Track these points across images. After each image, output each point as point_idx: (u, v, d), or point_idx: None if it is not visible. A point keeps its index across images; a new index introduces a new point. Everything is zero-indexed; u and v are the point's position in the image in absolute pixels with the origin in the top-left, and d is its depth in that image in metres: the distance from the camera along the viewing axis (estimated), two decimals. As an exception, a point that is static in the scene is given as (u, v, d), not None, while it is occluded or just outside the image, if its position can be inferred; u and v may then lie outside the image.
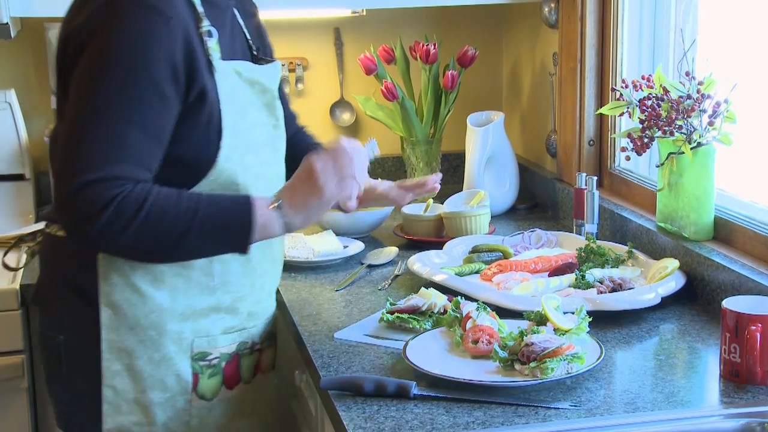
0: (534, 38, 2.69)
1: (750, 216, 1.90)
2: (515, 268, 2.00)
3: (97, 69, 1.53)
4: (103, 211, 1.47)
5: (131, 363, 1.65)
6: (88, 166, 1.49)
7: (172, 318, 1.66)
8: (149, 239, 1.54)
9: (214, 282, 1.68)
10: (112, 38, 1.53)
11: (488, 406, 1.46)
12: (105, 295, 1.63)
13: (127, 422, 1.67)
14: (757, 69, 1.96)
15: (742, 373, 1.52)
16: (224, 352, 1.73)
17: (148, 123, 1.54)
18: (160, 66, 1.53)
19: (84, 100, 1.53)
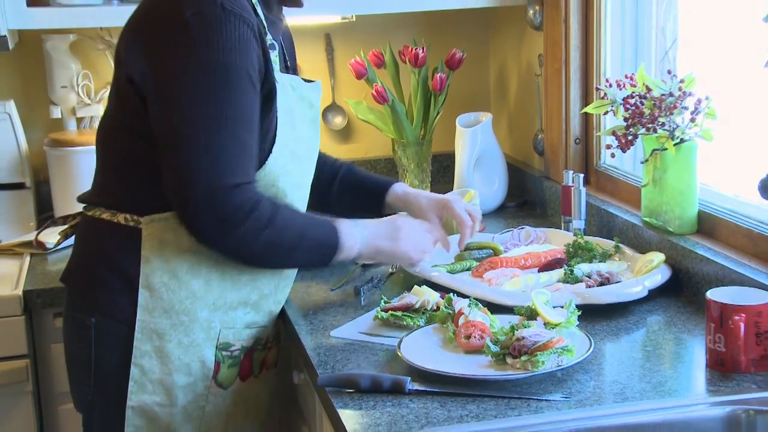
0: (520, 40, 2.70)
1: (732, 209, 1.90)
2: (506, 265, 2.00)
3: (209, 76, 1.59)
4: (248, 215, 1.60)
5: (161, 345, 1.69)
6: (230, 172, 1.59)
7: (204, 306, 1.71)
8: (273, 247, 1.67)
9: (244, 277, 1.74)
10: (217, 47, 1.58)
11: (481, 399, 1.46)
12: (145, 276, 1.68)
13: (150, 401, 1.71)
14: (735, 66, 1.96)
15: (727, 362, 1.53)
16: (244, 346, 1.79)
17: (253, 125, 1.64)
18: (255, 70, 1.63)
19: (201, 106, 1.59)
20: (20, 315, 2.11)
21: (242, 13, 1.62)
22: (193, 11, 1.59)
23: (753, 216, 1.84)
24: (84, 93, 2.57)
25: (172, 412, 1.72)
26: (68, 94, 2.56)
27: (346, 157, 2.84)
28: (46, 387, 2.19)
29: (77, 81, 2.56)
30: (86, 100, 2.58)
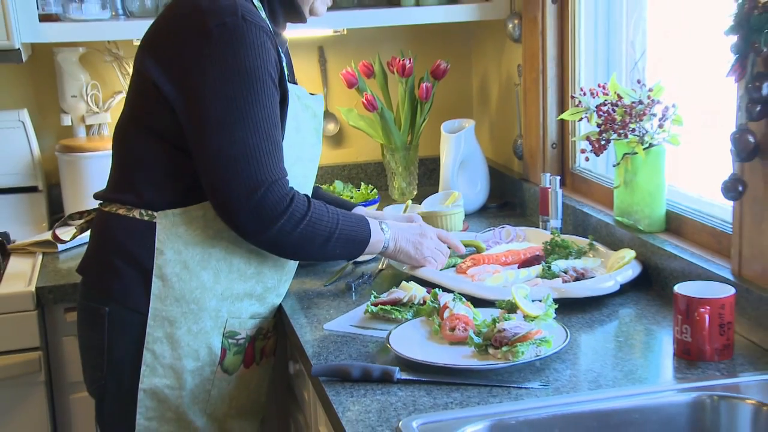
0: (500, 52, 2.70)
1: (698, 209, 1.91)
2: (488, 262, 2.01)
3: (240, 81, 1.60)
4: (286, 210, 1.64)
5: (172, 332, 1.71)
6: (267, 170, 1.62)
7: (213, 296, 1.73)
8: (308, 239, 1.70)
9: (250, 270, 1.76)
10: (241, 54, 1.60)
11: (465, 387, 1.47)
12: (158, 267, 1.69)
13: (161, 384, 1.72)
14: (700, 75, 1.97)
15: (693, 351, 1.54)
16: (248, 335, 1.80)
17: (279, 122, 1.67)
18: (275, 74, 1.65)
19: (235, 112, 1.61)
20: (33, 310, 2.11)
21: (261, 23, 1.64)
22: (217, 22, 1.60)
23: (716, 215, 1.84)
24: (93, 102, 2.57)
25: (180, 394, 1.74)
26: (78, 103, 2.55)
27: (339, 161, 2.88)
28: (58, 377, 2.18)
29: (86, 91, 2.55)
30: (95, 109, 2.57)
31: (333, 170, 2.83)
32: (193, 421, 1.76)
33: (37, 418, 2.15)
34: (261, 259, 1.76)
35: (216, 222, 1.68)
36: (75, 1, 2.35)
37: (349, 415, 1.40)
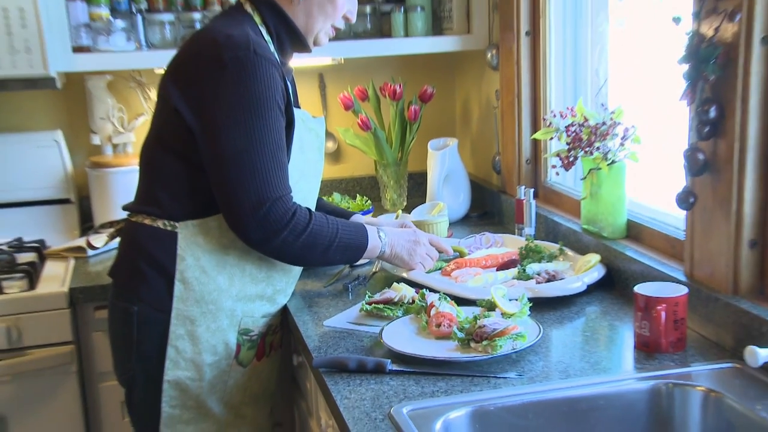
0: (480, 78, 2.71)
1: (654, 218, 1.92)
2: (469, 265, 2.00)
3: (249, 109, 1.60)
4: (288, 223, 1.63)
5: (193, 329, 1.70)
6: (272, 188, 1.61)
7: (228, 297, 1.73)
8: (310, 248, 1.69)
9: (261, 274, 1.76)
10: (252, 85, 1.60)
11: (449, 377, 1.47)
12: (180, 272, 1.69)
13: (183, 376, 1.72)
14: (656, 99, 1.98)
15: (651, 344, 1.54)
16: (260, 331, 1.80)
17: (284, 145, 1.66)
18: (281, 101, 1.65)
19: (245, 136, 1.60)
20: (66, 308, 2.10)
21: (270, 57, 1.63)
22: (231, 55, 1.60)
23: (671, 223, 1.85)
24: (118, 123, 2.56)
25: (201, 385, 1.74)
26: (105, 124, 2.55)
27: (337, 175, 2.88)
28: (89, 368, 2.18)
29: (113, 114, 2.55)
30: (120, 129, 2.57)
31: (331, 183, 2.82)
32: (212, 408, 1.75)
33: (70, 404, 2.14)
34: (270, 264, 1.76)
35: (230, 232, 1.68)
36: (103, 35, 2.35)
37: (346, 403, 1.39)
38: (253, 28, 1.69)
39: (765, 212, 1.52)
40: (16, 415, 2.10)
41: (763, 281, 1.55)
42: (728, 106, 1.51)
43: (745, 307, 1.50)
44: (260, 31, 1.70)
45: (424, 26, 2.61)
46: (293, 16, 1.73)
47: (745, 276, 1.55)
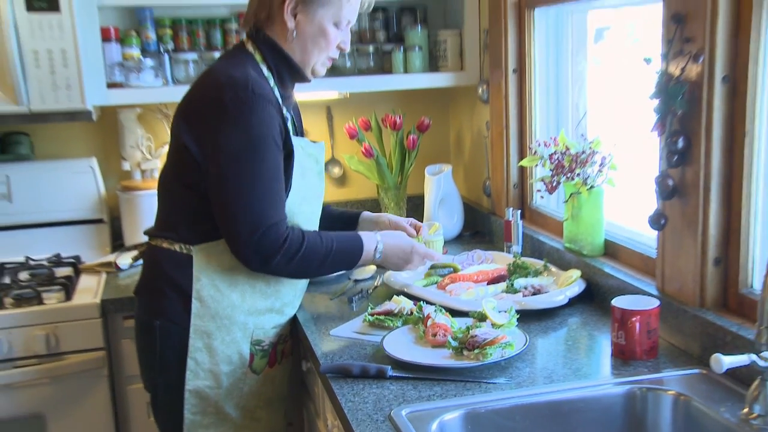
0: (472, 111, 2.70)
1: (629, 238, 1.91)
2: (462, 279, 2.00)
3: (246, 144, 1.58)
4: (280, 248, 1.61)
5: (209, 342, 1.69)
6: (265, 216, 1.59)
7: (241, 312, 1.71)
8: (304, 267, 1.68)
9: (270, 290, 1.74)
10: (250, 122, 1.58)
11: (444, 382, 1.47)
12: (196, 291, 1.68)
13: (203, 385, 1.71)
14: (631, 130, 1.98)
15: (627, 352, 1.54)
16: (271, 341, 1.78)
17: (280, 176, 1.64)
18: (276, 132, 1.62)
19: (242, 170, 1.58)
20: (98, 318, 2.10)
21: (268, 95, 1.61)
22: (231, 95, 1.58)
23: (644, 243, 1.84)
24: (146, 151, 2.57)
25: (218, 392, 1.72)
26: (135, 152, 2.55)
27: (343, 198, 2.87)
28: (118, 371, 2.17)
29: (142, 142, 2.55)
30: (148, 156, 2.57)
31: (339, 205, 2.75)
32: (229, 413, 1.74)
33: (101, 404, 2.14)
34: (278, 280, 1.75)
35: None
36: (134, 72, 2.36)
37: (350, 405, 1.39)
38: (254, 66, 1.67)
39: (728, 233, 1.53)
40: (53, 414, 2.10)
41: (726, 295, 1.55)
42: (694, 138, 1.52)
43: (711, 318, 1.50)
44: (261, 68, 1.68)
45: (422, 64, 2.61)
46: (290, 51, 1.70)
47: (710, 290, 1.55)
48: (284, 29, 1.67)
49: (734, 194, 1.51)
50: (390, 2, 2.63)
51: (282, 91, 1.72)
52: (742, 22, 1.44)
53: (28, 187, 2.43)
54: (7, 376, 2.03)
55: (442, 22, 2.73)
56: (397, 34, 2.66)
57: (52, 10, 2.08)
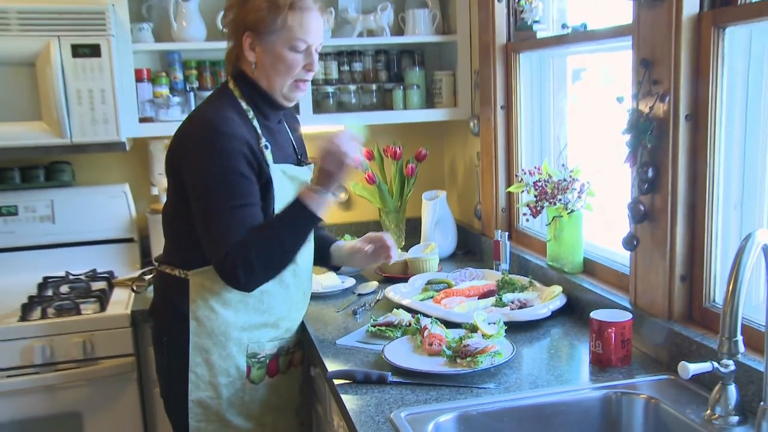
0: (464, 142, 2.71)
1: (605, 257, 1.92)
2: (456, 294, 2.00)
3: (211, 176, 1.54)
4: (236, 272, 1.53)
5: (208, 357, 1.66)
6: (225, 241, 1.53)
7: (235, 329, 1.67)
8: (268, 270, 1.57)
9: (263, 306, 1.68)
10: (212, 157, 1.54)
11: (440, 387, 1.46)
12: (192, 312, 1.64)
13: (204, 396, 1.67)
14: (606, 161, 1.99)
15: (603, 360, 1.54)
16: (268, 353, 1.73)
17: (246, 200, 1.56)
18: (241, 164, 1.55)
19: (208, 199, 1.55)
20: (129, 327, 2.10)
21: (233, 132, 1.55)
22: (201, 133, 1.56)
23: (618, 261, 1.85)
24: (174, 178, 2.57)
25: (219, 402, 1.69)
26: (162, 178, 2.54)
27: (348, 220, 2.84)
28: (146, 375, 2.17)
29: (169, 170, 2.56)
30: (175, 183, 2.58)
31: (344, 227, 2.79)
32: (231, 420, 1.71)
33: (131, 405, 2.13)
34: (269, 296, 1.69)
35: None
36: (163, 108, 2.38)
37: (354, 408, 1.39)
38: (234, 103, 1.63)
39: (692, 252, 1.54)
40: (89, 412, 2.09)
41: (691, 308, 1.55)
42: (662, 168, 1.53)
43: (678, 329, 1.50)
44: (240, 104, 1.64)
45: (419, 101, 2.61)
46: (259, 82, 1.64)
47: (677, 304, 1.55)
48: (250, 63, 1.63)
49: (697, 218, 1.51)
50: (391, 45, 2.65)
51: (263, 121, 1.66)
52: (702, 68, 1.46)
53: (69, 210, 2.45)
54: (49, 378, 2.03)
55: (438, 64, 2.75)
56: (397, 74, 2.67)
57: (94, 55, 2.12)
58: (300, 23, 1.58)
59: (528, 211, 2.06)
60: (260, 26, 1.58)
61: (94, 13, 2.10)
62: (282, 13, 1.57)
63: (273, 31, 1.58)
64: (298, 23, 1.58)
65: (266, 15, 1.57)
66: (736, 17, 1.39)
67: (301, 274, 1.74)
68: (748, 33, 1.42)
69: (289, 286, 1.70)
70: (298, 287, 1.74)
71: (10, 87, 2.09)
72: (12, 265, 2.40)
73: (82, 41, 2.10)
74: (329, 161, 1.57)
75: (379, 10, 2.52)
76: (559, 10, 2.17)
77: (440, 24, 2.58)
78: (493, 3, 2.28)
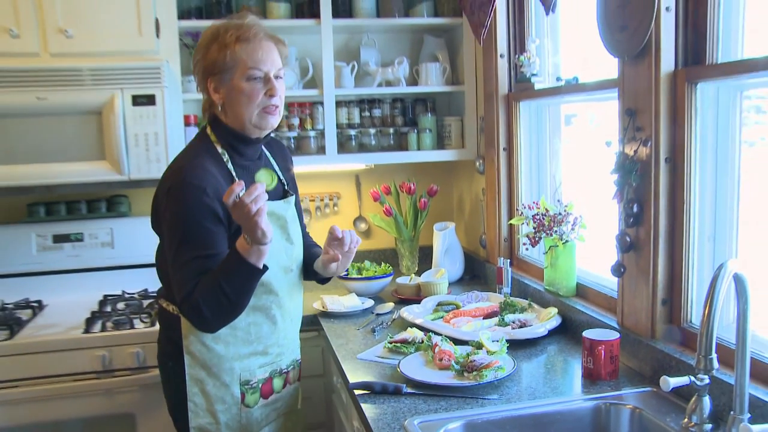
0: (470, 180, 2.69)
1: (596, 282, 1.92)
2: (463, 315, 2.00)
3: (175, 227, 1.48)
4: (192, 318, 1.47)
5: (203, 387, 1.59)
6: (184, 286, 1.46)
7: (227, 360, 1.58)
8: (220, 316, 1.48)
9: (251, 337, 1.60)
10: (178, 208, 1.48)
11: (449, 398, 1.47)
12: (186, 347, 1.57)
13: (204, 422, 1.60)
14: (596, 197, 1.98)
15: (594, 374, 1.54)
16: (260, 378, 1.63)
17: (206, 251, 1.47)
18: (207, 217, 1.47)
19: (174, 246, 1.49)
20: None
21: (200, 183, 1.46)
22: (169, 185, 1.50)
23: (608, 286, 1.85)
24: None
25: (218, 427, 1.60)
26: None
27: (368, 248, 2.82)
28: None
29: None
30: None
31: (364, 254, 2.76)
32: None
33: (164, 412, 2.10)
34: (257, 328, 1.60)
35: None
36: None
37: (372, 416, 1.40)
38: (209, 148, 1.55)
39: (672, 279, 1.54)
40: (141, 414, 2.09)
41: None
42: (645, 204, 1.54)
43: (660, 347, 1.50)
44: (215, 148, 1.55)
45: (431, 142, 2.61)
46: (228, 121, 1.55)
47: (659, 325, 1.55)
48: (218, 106, 1.55)
49: (676, 249, 1.52)
50: (406, 94, 2.68)
51: (240, 161, 1.57)
52: (678, 117, 1.49)
53: (126, 237, 2.48)
54: (108, 383, 2.04)
55: (448, 111, 2.78)
56: (412, 120, 2.70)
57: (150, 104, 2.18)
58: (248, 54, 1.50)
59: (527, 241, 2.06)
60: (216, 68, 1.51)
61: (152, 68, 2.18)
62: (230, 49, 1.50)
63: (228, 69, 1.50)
64: (246, 54, 1.50)
65: (217, 55, 1.51)
66: (705, 75, 1.42)
67: (284, 304, 1.64)
68: (716, 88, 1.45)
69: (276, 316, 1.61)
70: (284, 316, 1.64)
71: (80, 132, 2.16)
72: (78, 285, 2.44)
73: (140, 92, 2.17)
74: (238, 217, 1.42)
75: (396, 64, 2.58)
76: (554, 65, 2.21)
77: (450, 76, 2.62)
78: (496, 58, 2.32)
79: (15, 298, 2.40)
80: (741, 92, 1.42)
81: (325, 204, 2.76)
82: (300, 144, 2.55)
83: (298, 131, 2.54)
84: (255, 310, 1.58)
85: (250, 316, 1.58)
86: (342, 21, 2.47)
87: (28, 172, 2.15)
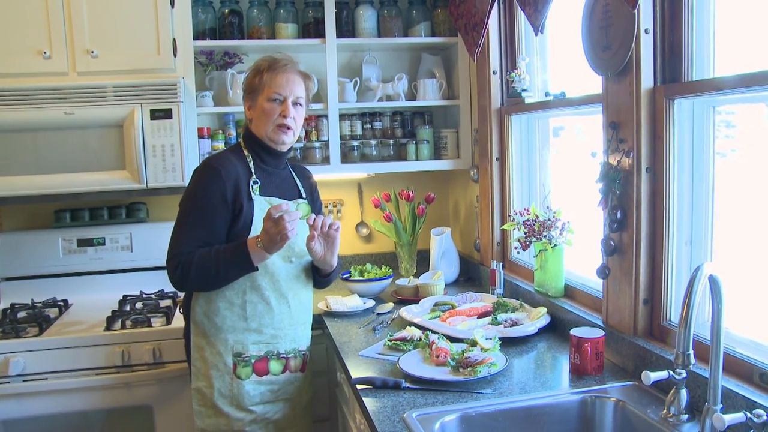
0: (465, 188, 2.69)
1: (583, 283, 1.92)
2: (458, 314, 2.00)
3: (189, 197, 1.67)
4: (175, 270, 1.62)
5: (203, 354, 1.71)
6: (177, 245, 1.63)
7: (223, 331, 1.70)
8: (200, 282, 1.64)
9: (246, 314, 1.71)
10: (195, 183, 1.67)
11: (445, 393, 1.47)
12: (192, 317, 1.72)
13: (201, 385, 1.72)
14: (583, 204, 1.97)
15: (581, 369, 1.54)
16: (253, 354, 1.72)
17: (205, 225, 1.64)
18: (215, 195, 1.64)
19: (182, 211, 1.67)
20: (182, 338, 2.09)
21: (219, 167, 1.65)
22: (198, 167, 1.71)
23: (594, 287, 1.85)
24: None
25: (212, 392, 1.70)
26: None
27: (369, 251, 2.82)
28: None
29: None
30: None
31: (365, 257, 2.78)
32: (222, 408, 1.71)
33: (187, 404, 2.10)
34: (252, 306, 1.70)
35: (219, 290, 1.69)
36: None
37: (373, 409, 1.40)
38: (237, 148, 1.75)
39: (653, 281, 1.55)
40: (158, 406, 2.10)
41: (652, 326, 1.56)
42: (629, 211, 1.55)
43: (641, 344, 1.51)
44: (242, 149, 1.74)
45: (429, 153, 2.61)
46: (255, 132, 1.74)
47: (641, 323, 1.56)
48: (250, 121, 1.76)
49: (657, 252, 1.53)
50: (405, 108, 2.68)
51: (260, 165, 1.74)
52: (658, 130, 1.50)
53: (144, 242, 2.50)
54: (127, 377, 2.06)
55: (444, 123, 2.78)
56: (410, 131, 2.70)
57: (166, 118, 2.20)
58: (274, 80, 1.70)
59: (519, 245, 2.07)
60: (250, 88, 1.74)
61: (169, 85, 2.20)
62: (261, 75, 1.71)
63: (258, 90, 1.72)
64: (271, 81, 1.71)
65: (253, 78, 1.73)
66: (681, 91, 1.44)
67: (281, 289, 1.73)
68: (691, 104, 1.46)
69: (269, 298, 1.71)
70: (281, 301, 1.72)
71: (103, 144, 2.19)
72: (99, 286, 2.47)
73: (158, 107, 2.20)
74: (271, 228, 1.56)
75: (395, 80, 2.59)
76: (543, 81, 2.22)
77: (446, 91, 2.63)
78: (489, 75, 2.33)
79: (43, 298, 2.43)
80: (714, 108, 1.44)
81: (329, 210, 2.78)
82: (306, 154, 2.56)
83: (304, 142, 2.55)
84: (251, 290, 1.70)
85: (247, 295, 1.70)
86: (345, 40, 2.49)
87: (55, 181, 2.18)
